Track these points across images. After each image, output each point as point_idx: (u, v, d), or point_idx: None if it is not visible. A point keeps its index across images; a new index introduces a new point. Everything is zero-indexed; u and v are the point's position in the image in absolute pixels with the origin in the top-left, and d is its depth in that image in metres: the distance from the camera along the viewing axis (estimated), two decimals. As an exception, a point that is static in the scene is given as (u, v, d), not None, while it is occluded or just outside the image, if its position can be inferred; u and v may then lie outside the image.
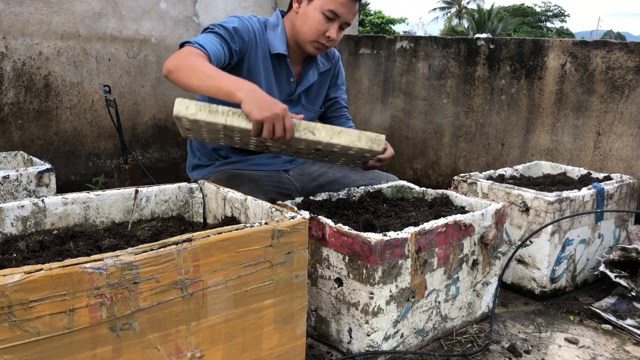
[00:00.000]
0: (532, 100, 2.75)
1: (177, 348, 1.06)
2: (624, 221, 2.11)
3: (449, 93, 3.11)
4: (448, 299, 1.57)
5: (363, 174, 2.01)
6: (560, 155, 2.66)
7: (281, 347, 1.22)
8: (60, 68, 3.02)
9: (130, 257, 0.96)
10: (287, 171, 2.03)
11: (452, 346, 1.55)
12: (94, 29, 3.11)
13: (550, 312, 1.81)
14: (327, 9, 1.76)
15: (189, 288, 1.05)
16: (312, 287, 1.53)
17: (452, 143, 3.14)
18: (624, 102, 2.42)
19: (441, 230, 1.48)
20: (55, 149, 3.06)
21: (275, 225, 1.15)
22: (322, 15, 1.77)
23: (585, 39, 2.72)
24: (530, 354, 1.54)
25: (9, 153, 2.14)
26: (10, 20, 2.83)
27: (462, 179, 2.03)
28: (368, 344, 1.40)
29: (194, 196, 1.55)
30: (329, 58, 2.05)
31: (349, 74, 3.63)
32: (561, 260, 1.87)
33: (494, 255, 1.67)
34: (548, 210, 1.79)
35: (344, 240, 1.40)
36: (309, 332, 1.55)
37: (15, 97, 2.91)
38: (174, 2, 3.40)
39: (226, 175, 1.85)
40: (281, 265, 1.18)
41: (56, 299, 0.89)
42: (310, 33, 1.80)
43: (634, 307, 1.79)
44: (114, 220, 1.42)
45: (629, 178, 2.09)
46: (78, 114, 3.13)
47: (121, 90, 3.26)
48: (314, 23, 1.78)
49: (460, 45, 3.04)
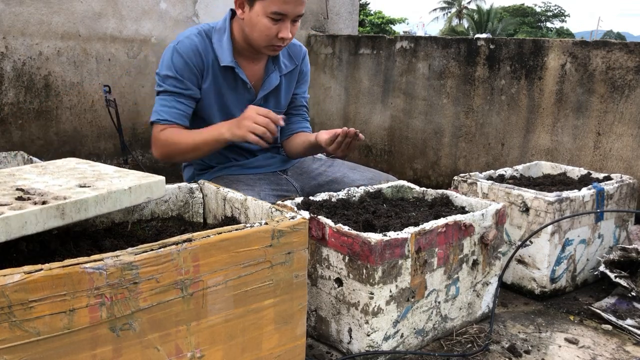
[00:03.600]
0: (532, 100, 2.75)
1: (177, 348, 1.06)
2: (624, 221, 2.11)
3: (449, 93, 3.11)
4: (448, 299, 1.57)
5: (362, 174, 2.01)
6: (560, 155, 2.66)
7: (281, 347, 1.22)
8: (60, 68, 3.03)
9: (130, 257, 0.96)
10: (284, 171, 2.02)
11: (452, 346, 1.55)
12: (94, 29, 3.11)
13: (550, 312, 1.81)
14: (270, 11, 1.64)
15: (189, 288, 1.05)
16: (312, 287, 1.53)
17: (452, 143, 3.14)
18: (624, 102, 2.42)
19: (441, 230, 1.48)
20: (55, 149, 3.06)
21: (275, 225, 1.15)
22: (268, 19, 1.66)
23: (585, 39, 2.72)
24: (530, 354, 1.54)
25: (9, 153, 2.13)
26: (10, 20, 2.83)
27: (462, 179, 2.03)
28: (368, 344, 1.40)
29: (194, 196, 1.55)
30: (292, 59, 1.94)
31: (349, 73, 3.63)
32: (561, 260, 1.87)
33: (494, 256, 1.67)
34: (548, 210, 1.79)
35: (344, 241, 1.40)
36: (309, 332, 1.55)
37: (15, 97, 2.91)
38: (174, 2, 3.40)
39: (223, 182, 1.83)
40: (281, 266, 1.18)
41: (56, 299, 0.89)
42: (261, 39, 1.71)
43: (634, 307, 1.79)
44: (114, 220, 1.42)
45: (629, 178, 2.09)
46: (78, 114, 3.13)
47: (121, 90, 3.26)
48: (261, 28, 1.68)
49: (460, 45, 3.04)
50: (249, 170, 1.94)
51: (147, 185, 1.27)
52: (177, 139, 1.73)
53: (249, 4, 1.68)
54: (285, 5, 1.64)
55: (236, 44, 1.80)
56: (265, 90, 1.88)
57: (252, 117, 1.61)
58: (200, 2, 3.52)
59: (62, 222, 1.09)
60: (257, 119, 1.60)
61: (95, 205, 1.15)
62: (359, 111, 3.61)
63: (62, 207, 1.09)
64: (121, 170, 1.37)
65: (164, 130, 1.74)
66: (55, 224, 1.08)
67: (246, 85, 1.84)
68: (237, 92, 1.85)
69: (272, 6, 1.64)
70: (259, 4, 1.65)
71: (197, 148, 1.72)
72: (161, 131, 1.74)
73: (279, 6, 1.64)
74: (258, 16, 1.67)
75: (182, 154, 1.76)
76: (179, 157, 1.80)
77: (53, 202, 1.09)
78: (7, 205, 1.06)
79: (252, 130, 1.59)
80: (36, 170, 1.36)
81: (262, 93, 1.88)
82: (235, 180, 1.85)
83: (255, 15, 1.67)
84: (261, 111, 1.62)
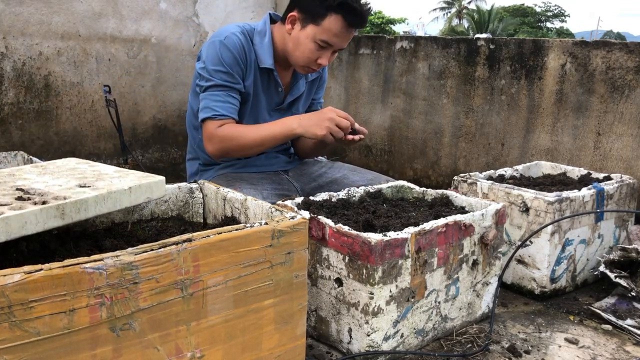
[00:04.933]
0: (532, 100, 2.75)
1: (177, 348, 1.06)
2: (624, 221, 2.11)
3: (449, 93, 3.11)
4: (448, 299, 1.57)
5: (363, 175, 2.01)
6: (560, 155, 2.66)
7: (281, 347, 1.22)
8: (60, 68, 3.03)
9: (130, 257, 0.96)
10: (286, 171, 2.02)
11: (452, 346, 1.56)
12: (94, 29, 3.11)
13: (550, 312, 1.81)
14: (319, 39, 1.70)
15: (189, 288, 1.05)
16: (312, 287, 1.53)
17: (452, 143, 3.14)
18: (624, 102, 2.42)
19: (441, 230, 1.48)
20: (55, 149, 3.06)
21: (275, 225, 1.15)
22: (315, 44, 1.72)
23: (585, 39, 2.72)
24: (530, 354, 1.54)
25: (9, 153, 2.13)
26: (10, 20, 2.83)
27: (462, 179, 2.03)
28: (368, 344, 1.40)
29: (194, 196, 1.55)
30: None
31: (349, 73, 3.63)
32: (561, 260, 1.87)
33: (494, 256, 1.67)
34: (548, 210, 1.79)
35: (344, 241, 1.40)
36: (309, 332, 1.55)
37: (15, 97, 2.91)
38: (174, 2, 3.40)
39: (226, 179, 1.85)
40: (281, 266, 1.18)
41: (56, 299, 0.89)
42: (301, 59, 1.76)
43: (634, 307, 1.79)
44: (114, 220, 1.42)
45: (629, 178, 2.09)
46: (78, 114, 3.13)
47: (121, 90, 3.26)
48: (305, 50, 1.73)
49: (460, 45, 3.04)
50: (252, 168, 1.95)
51: (147, 185, 1.27)
52: (239, 134, 1.71)
53: (302, 24, 1.73)
54: (335, 38, 1.71)
55: (275, 49, 1.83)
56: (294, 96, 1.94)
57: (335, 119, 1.66)
58: (200, 2, 3.52)
59: (62, 222, 1.09)
60: (341, 123, 1.66)
61: (95, 205, 1.16)
62: (359, 111, 3.61)
63: (62, 207, 1.09)
64: (121, 170, 1.37)
65: (223, 126, 1.72)
66: (55, 224, 1.08)
67: (278, 88, 1.88)
68: (268, 94, 1.88)
69: (324, 35, 1.70)
70: (311, 28, 1.71)
71: (262, 143, 1.72)
72: (219, 127, 1.71)
73: (330, 37, 1.70)
74: (306, 38, 1.72)
75: (244, 149, 1.74)
76: (238, 152, 1.77)
77: (53, 202, 1.09)
78: (7, 205, 1.06)
79: (334, 133, 1.65)
80: (36, 170, 1.36)
81: (289, 98, 1.93)
82: (238, 178, 1.86)
83: (304, 36, 1.72)
84: (341, 114, 1.68)
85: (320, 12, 1.68)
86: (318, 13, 1.69)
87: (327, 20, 1.69)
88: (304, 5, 1.72)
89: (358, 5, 1.69)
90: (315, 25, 1.70)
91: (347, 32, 1.72)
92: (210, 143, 1.74)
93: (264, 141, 1.72)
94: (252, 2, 3.73)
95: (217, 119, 1.72)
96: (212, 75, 1.73)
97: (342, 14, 1.68)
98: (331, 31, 1.69)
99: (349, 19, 1.69)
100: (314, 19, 1.70)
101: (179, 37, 3.46)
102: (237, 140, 1.71)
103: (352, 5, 1.68)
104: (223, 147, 1.73)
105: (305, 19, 1.72)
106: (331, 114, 1.67)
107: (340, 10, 1.67)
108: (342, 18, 1.68)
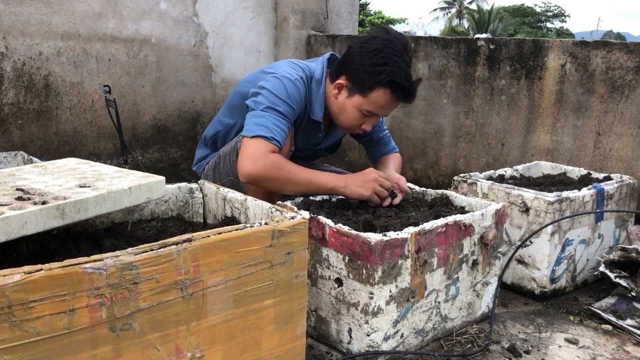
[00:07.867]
0: (532, 100, 2.75)
1: (177, 348, 1.06)
2: (624, 221, 2.11)
3: (449, 93, 3.11)
4: (448, 299, 1.57)
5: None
6: (560, 155, 2.66)
7: (281, 348, 1.22)
8: (60, 68, 3.03)
9: (130, 257, 0.96)
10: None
11: (452, 346, 1.56)
12: (94, 29, 3.11)
13: (550, 313, 1.81)
14: (365, 109, 1.73)
15: (189, 288, 1.05)
16: (312, 287, 1.53)
17: (452, 143, 3.14)
18: (624, 102, 2.42)
19: (441, 230, 1.48)
20: (55, 149, 3.06)
21: (275, 225, 1.15)
22: (359, 112, 1.75)
23: (585, 39, 2.73)
24: (530, 354, 1.54)
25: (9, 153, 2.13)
26: (10, 20, 2.83)
27: (462, 179, 2.03)
28: (368, 344, 1.40)
29: (194, 196, 1.55)
30: None
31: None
32: (561, 260, 1.87)
33: (494, 256, 1.68)
34: (548, 210, 1.79)
35: (344, 241, 1.40)
36: (309, 332, 1.55)
37: (15, 97, 2.91)
38: (174, 2, 3.40)
39: (229, 182, 1.86)
40: (281, 266, 1.18)
41: (56, 299, 0.89)
42: (345, 123, 1.81)
43: (634, 307, 1.79)
44: (114, 220, 1.42)
45: (629, 178, 2.09)
46: (78, 114, 3.13)
47: (121, 90, 3.26)
48: (350, 117, 1.77)
49: (460, 45, 3.04)
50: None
51: (147, 185, 1.27)
52: (289, 168, 1.65)
53: (349, 93, 1.75)
54: (380, 110, 1.75)
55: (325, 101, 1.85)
56: (330, 141, 2.02)
57: (379, 180, 1.70)
58: (200, 2, 3.52)
59: (62, 222, 1.09)
60: (384, 184, 1.71)
61: (95, 205, 1.16)
62: (359, 111, 3.61)
63: (62, 207, 1.09)
64: (121, 171, 1.37)
65: (276, 152, 1.65)
66: (55, 224, 1.08)
67: (319, 134, 1.93)
68: (310, 134, 1.93)
69: (370, 106, 1.73)
70: (358, 98, 1.73)
71: (307, 185, 1.68)
72: (273, 152, 1.64)
73: (376, 109, 1.73)
74: (352, 107, 1.75)
75: (286, 183, 1.66)
76: (279, 183, 1.66)
77: (53, 202, 1.09)
78: (7, 205, 1.06)
79: (379, 193, 1.69)
80: (36, 171, 1.36)
81: (325, 143, 2.00)
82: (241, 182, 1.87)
83: (350, 105, 1.75)
84: (383, 175, 1.74)
85: (369, 84, 1.69)
86: (367, 85, 1.69)
87: (375, 93, 1.69)
88: (353, 74, 1.72)
89: (407, 83, 1.69)
90: (362, 97, 1.71)
91: (393, 105, 1.75)
92: (252, 161, 1.62)
93: (309, 185, 1.68)
94: (252, 2, 3.73)
95: (272, 143, 1.64)
96: (279, 103, 1.69)
97: (390, 88, 1.68)
98: (377, 103, 1.71)
99: (397, 95, 1.70)
100: (362, 90, 1.71)
101: (179, 37, 3.46)
102: (284, 171, 1.64)
103: (402, 84, 1.68)
104: (266, 172, 1.62)
105: (352, 89, 1.73)
106: (374, 174, 1.71)
107: (390, 86, 1.68)
108: (390, 92, 1.69)
